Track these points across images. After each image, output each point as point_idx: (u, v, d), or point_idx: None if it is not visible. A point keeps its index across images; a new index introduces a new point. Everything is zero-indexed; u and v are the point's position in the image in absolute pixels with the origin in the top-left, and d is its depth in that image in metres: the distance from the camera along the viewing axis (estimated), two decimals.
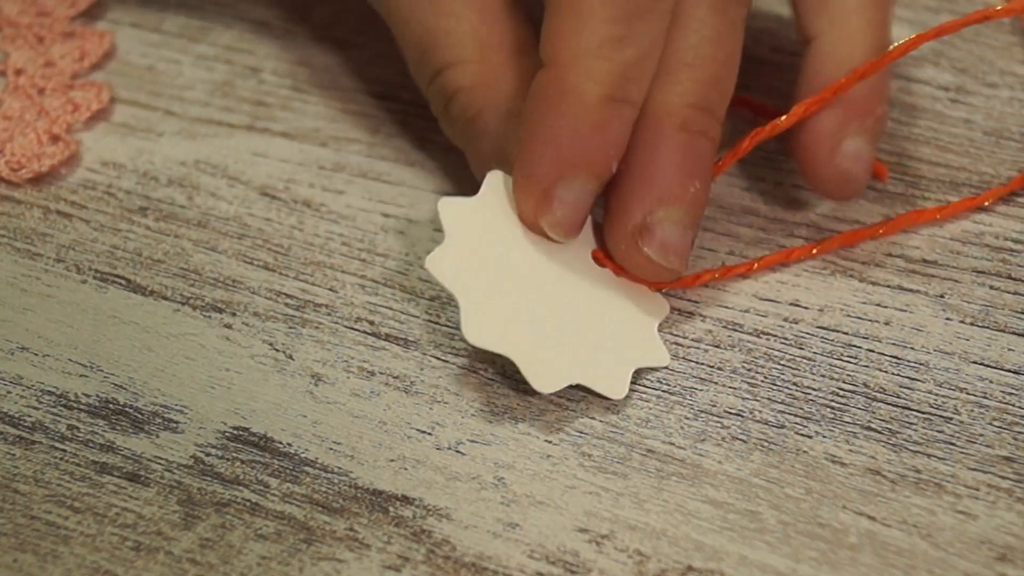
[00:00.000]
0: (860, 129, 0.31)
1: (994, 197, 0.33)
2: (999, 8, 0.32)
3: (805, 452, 0.27)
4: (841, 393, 0.28)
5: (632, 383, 0.29)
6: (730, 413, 0.28)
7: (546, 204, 0.28)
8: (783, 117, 0.30)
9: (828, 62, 0.31)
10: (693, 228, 0.29)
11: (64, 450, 0.28)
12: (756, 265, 0.31)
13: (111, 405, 0.28)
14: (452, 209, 0.29)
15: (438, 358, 0.29)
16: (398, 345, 0.30)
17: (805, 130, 0.31)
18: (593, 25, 0.28)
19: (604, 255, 0.30)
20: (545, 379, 0.27)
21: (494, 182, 0.29)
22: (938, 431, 0.28)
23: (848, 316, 0.30)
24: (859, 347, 0.29)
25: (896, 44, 0.31)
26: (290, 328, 0.30)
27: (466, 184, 0.33)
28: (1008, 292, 0.31)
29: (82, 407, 0.28)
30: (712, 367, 0.29)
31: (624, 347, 0.29)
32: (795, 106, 0.30)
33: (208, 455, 0.27)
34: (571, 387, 0.28)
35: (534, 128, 0.28)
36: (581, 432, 0.28)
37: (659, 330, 0.29)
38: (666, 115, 0.29)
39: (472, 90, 0.30)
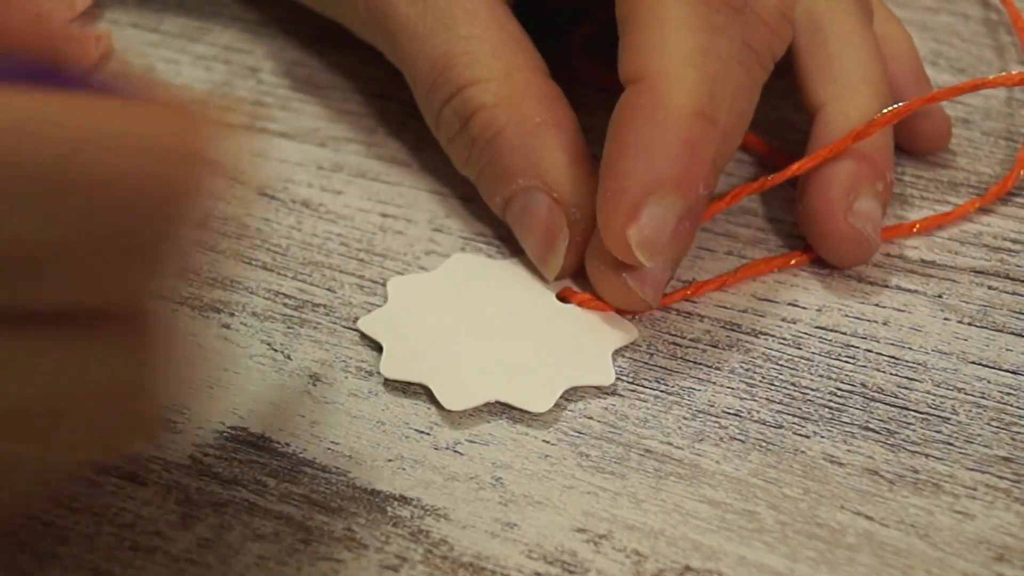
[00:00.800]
0: (872, 192, 0.30)
1: (972, 208, 0.33)
2: (993, 78, 0.32)
3: (803, 452, 0.27)
4: (839, 393, 0.28)
5: (631, 383, 0.29)
6: (728, 413, 0.28)
7: (634, 219, 0.27)
8: (771, 176, 0.31)
9: (838, 127, 0.31)
10: (673, 267, 0.29)
11: None
12: (728, 279, 0.31)
13: None
14: (371, 322, 0.30)
15: None
16: None
17: (817, 189, 0.31)
18: (681, 35, 0.27)
19: (569, 292, 0.30)
20: (540, 401, 0.28)
21: (394, 287, 0.30)
22: (936, 431, 0.28)
23: (846, 316, 0.30)
24: (857, 347, 0.29)
25: (897, 105, 0.31)
26: (288, 328, 0.30)
27: (464, 184, 0.33)
28: (1006, 292, 0.31)
29: None
30: (710, 367, 0.29)
31: (566, 367, 0.29)
32: (794, 163, 0.31)
33: (206, 455, 0.27)
34: (568, 388, 0.28)
35: (625, 141, 0.27)
36: (579, 432, 0.28)
37: (632, 344, 0.30)
38: None
39: (495, 107, 0.30)
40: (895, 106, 0.31)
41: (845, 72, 0.31)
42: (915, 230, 0.32)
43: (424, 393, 0.28)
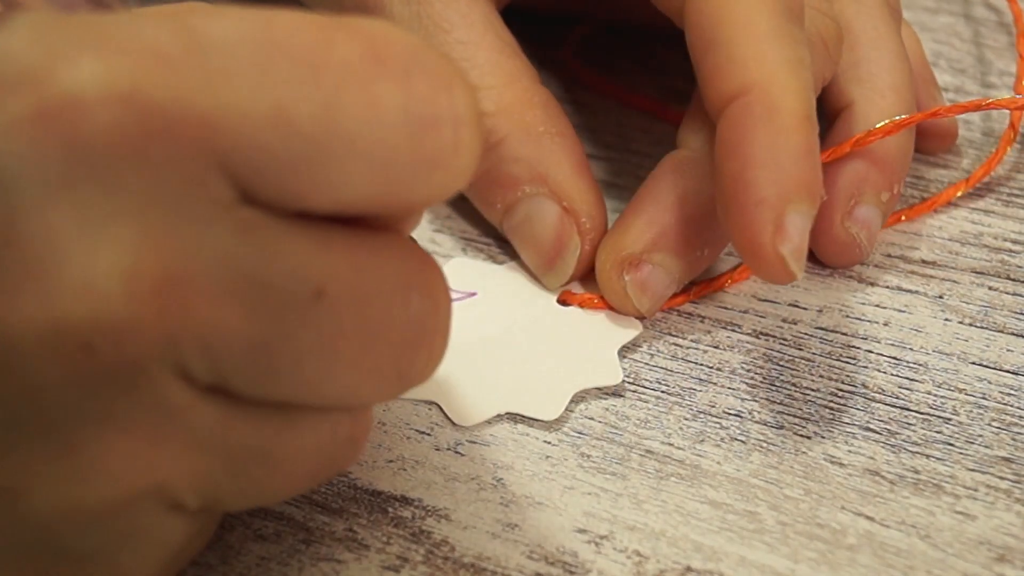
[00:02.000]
0: (876, 200, 0.30)
1: (953, 195, 0.33)
2: (997, 100, 0.32)
3: (804, 453, 0.27)
4: (840, 394, 0.28)
5: (632, 383, 0.29)
6: (729, 414, 0.28)
7: (782, 232, 0.26)
8: None
9: (856, 131, 0.31)
10: (679, 284, 0.29)
11: None
12: (729, 280, 0.31)
13: None
14: None
15: None
16: None
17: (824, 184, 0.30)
18: (779, 45, 0.27)
19: (569, 295, 0.30)
20: (549, 409, 0.28)
21: None
22: (937, 432, 0.28)
23: (847, 317, 0.30)
24: (858, 348, 0.29)
25: (899, 118, 0.31)
26: None
27: None
28: (1007, 293, 0.31)
29: None
30: (711, 368, 0.29)
31: (573, 371, 0.29)
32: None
33: None
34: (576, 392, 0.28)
35: (748, 152, 0.26)
36: (580, 433, 0.28)
37: (634, 345, 0.30)
38: None
39: (496, 115, 0.30)
40: (897, 118, 0.31)
41: (872, 76, 0.31)
42: (903, 219, 0.32)
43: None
